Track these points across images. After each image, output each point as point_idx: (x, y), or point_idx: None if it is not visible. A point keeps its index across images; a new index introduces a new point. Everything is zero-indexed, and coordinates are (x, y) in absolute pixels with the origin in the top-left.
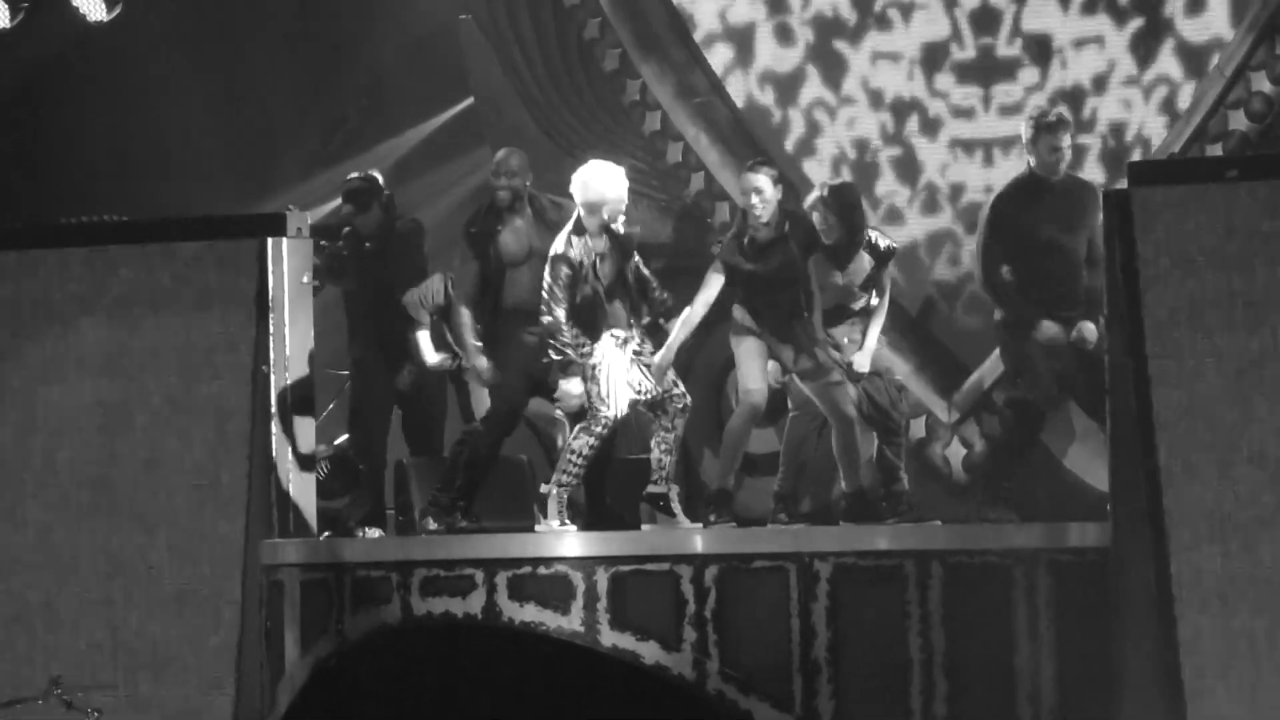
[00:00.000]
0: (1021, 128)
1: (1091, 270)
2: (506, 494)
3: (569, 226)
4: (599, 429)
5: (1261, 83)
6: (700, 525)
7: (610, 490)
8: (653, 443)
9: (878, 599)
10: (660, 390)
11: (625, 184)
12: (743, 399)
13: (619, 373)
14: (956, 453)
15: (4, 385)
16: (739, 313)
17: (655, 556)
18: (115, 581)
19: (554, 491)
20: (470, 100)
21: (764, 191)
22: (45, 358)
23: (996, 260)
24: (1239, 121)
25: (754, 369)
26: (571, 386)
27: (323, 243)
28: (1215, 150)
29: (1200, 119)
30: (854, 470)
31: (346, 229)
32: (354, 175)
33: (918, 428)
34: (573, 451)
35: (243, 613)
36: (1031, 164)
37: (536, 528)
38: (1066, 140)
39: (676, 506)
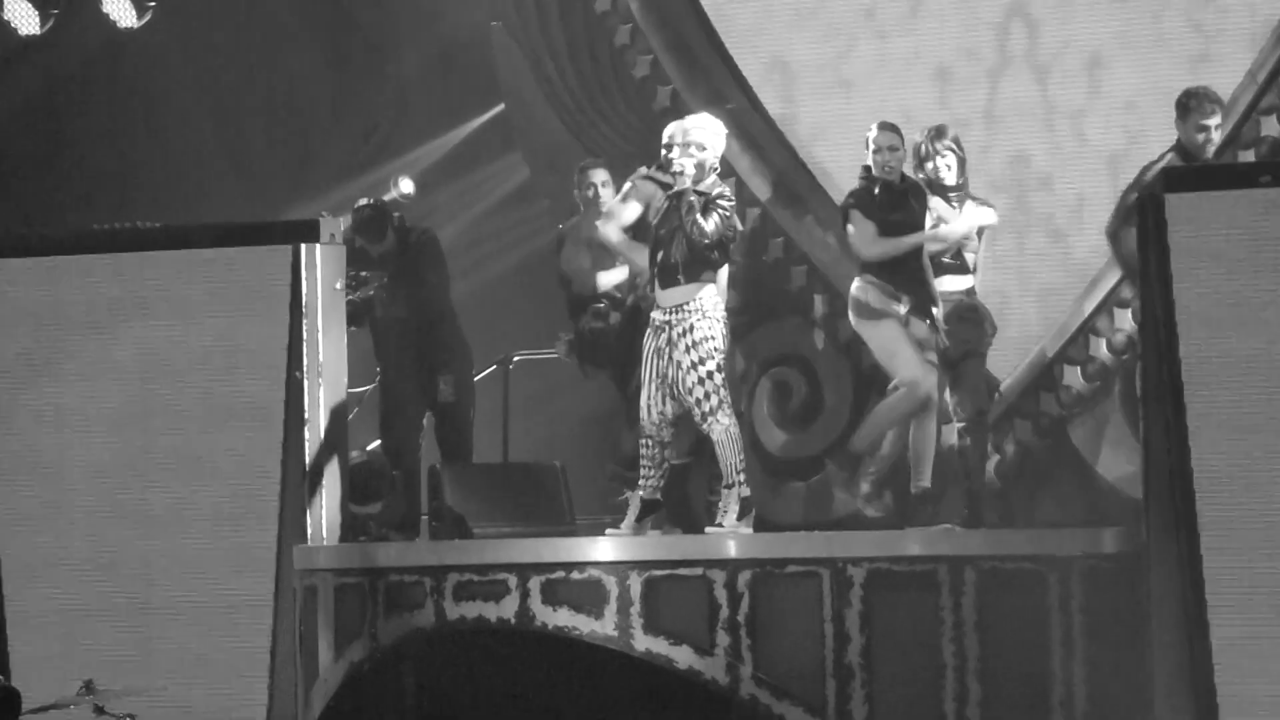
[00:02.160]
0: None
1: None
2: (539, 499)
3: None
4: (638, 425)
5: None
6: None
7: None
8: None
9: (911, 604)
10: (666, 414)
11: (697, 129)
12: (908, 392)
13: (646, 366)
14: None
15: (39, 390)
16: (860, 291)
17: (688, 561)
18: (149, 586)
19: (630, 494)
20: (501, 107)
21: (898, 149)
22: (79, 364)
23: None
24: (1272, 127)
25: (907, 356)
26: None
27: (349, 294)
28: (1248, 156)
29: (1233, 125)
30: (927, 466)
31: (363, 273)
32: (361, 203)
33: (949, 433)
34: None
35: (276, 618)
36: (1182, 141)
37: (608, 531)
38: (1214, 120)
39: (728, 518)
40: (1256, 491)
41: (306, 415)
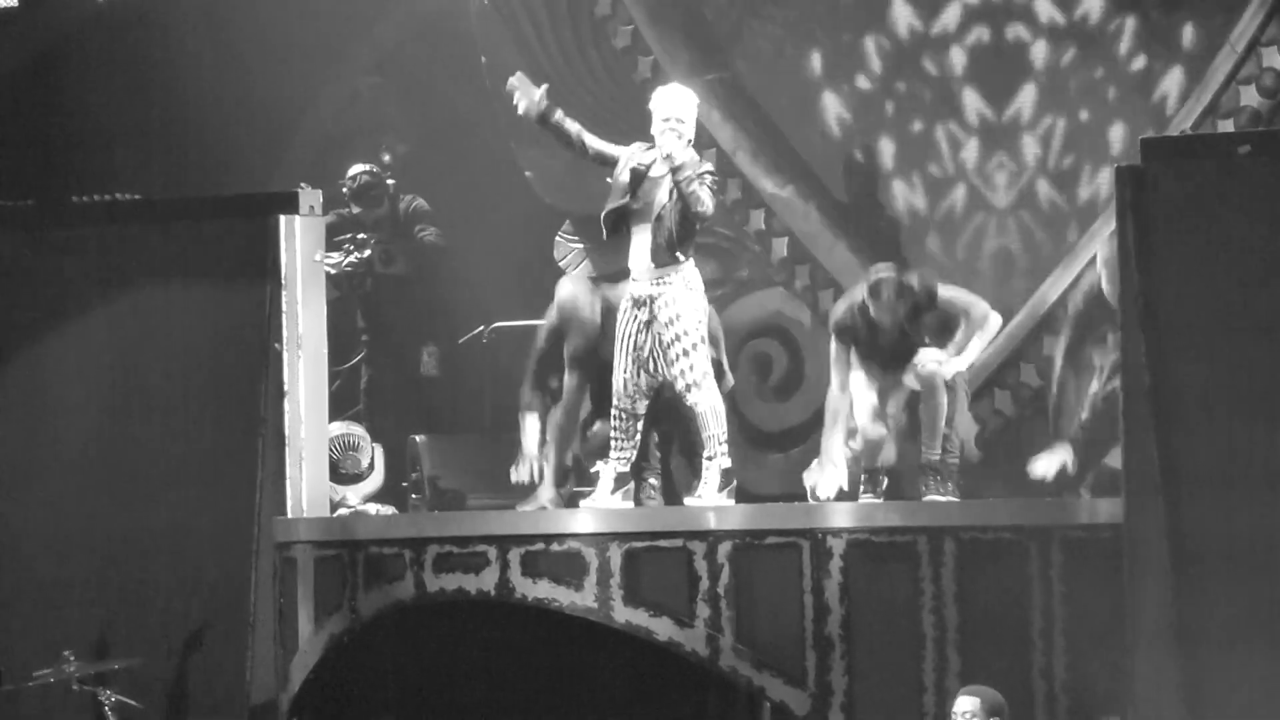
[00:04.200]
0: None
1: None
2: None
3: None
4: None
5: (1273, 58)
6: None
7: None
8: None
9: (891, 575)
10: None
11: (678, 104)
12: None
13: (623, 339)
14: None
15: (19, 363)
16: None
17: (668, 533)
18: (128, 559)
19: (602, 465)
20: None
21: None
22: (59, 336)
23: None
24: (1250, 97)
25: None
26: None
27: (329, 260)
28: (1227, 126)
29: (1212, 95)
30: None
31: (359, 236)
32: (357, 170)
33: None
34: None
35: (256, 590)
36: None
37: (581, 502)
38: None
39: (708, 489)
40: (1238, 458)
41: (286, 387)
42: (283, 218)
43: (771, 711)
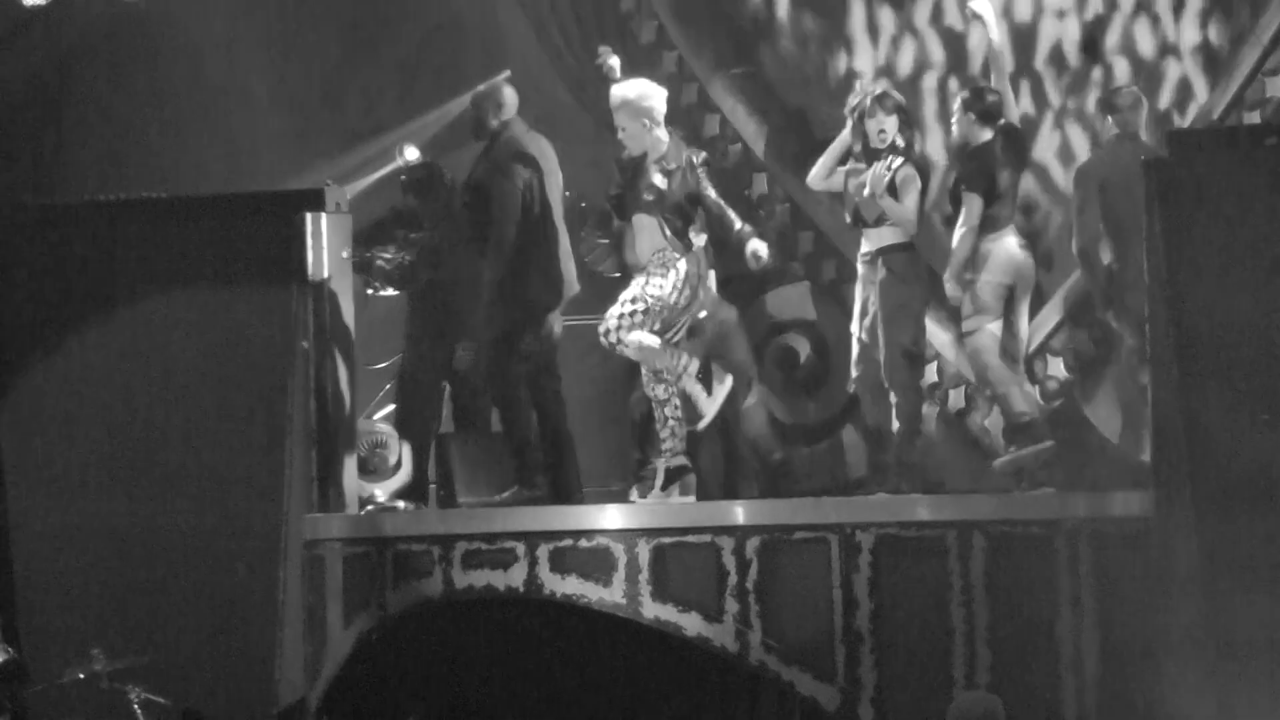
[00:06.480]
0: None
1: None
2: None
3: None
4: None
5: None
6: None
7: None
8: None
9: (920, 570)
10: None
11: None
12: None
13: None
14: (996, 423)
15: (47, 363)
16: None
17: (697, 528)
18: (156, 557)
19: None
20: (507, 74)
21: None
22: (87, 335)
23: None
24: (1276, 88)
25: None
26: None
27: (384, 255)
28: (1253, 117)
29: (1238, 87)
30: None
31: (410, 234)
32: (413, 162)
33: (957, 398)
34: None
35: (284, 588)
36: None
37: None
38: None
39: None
40: (1267, 453)
41: (313, 385)
42: (309, 215)
43: (801, 706)
